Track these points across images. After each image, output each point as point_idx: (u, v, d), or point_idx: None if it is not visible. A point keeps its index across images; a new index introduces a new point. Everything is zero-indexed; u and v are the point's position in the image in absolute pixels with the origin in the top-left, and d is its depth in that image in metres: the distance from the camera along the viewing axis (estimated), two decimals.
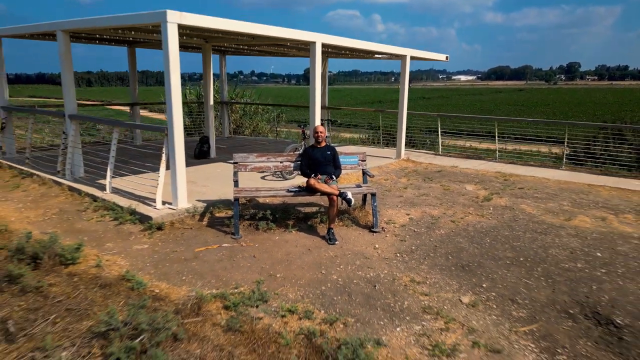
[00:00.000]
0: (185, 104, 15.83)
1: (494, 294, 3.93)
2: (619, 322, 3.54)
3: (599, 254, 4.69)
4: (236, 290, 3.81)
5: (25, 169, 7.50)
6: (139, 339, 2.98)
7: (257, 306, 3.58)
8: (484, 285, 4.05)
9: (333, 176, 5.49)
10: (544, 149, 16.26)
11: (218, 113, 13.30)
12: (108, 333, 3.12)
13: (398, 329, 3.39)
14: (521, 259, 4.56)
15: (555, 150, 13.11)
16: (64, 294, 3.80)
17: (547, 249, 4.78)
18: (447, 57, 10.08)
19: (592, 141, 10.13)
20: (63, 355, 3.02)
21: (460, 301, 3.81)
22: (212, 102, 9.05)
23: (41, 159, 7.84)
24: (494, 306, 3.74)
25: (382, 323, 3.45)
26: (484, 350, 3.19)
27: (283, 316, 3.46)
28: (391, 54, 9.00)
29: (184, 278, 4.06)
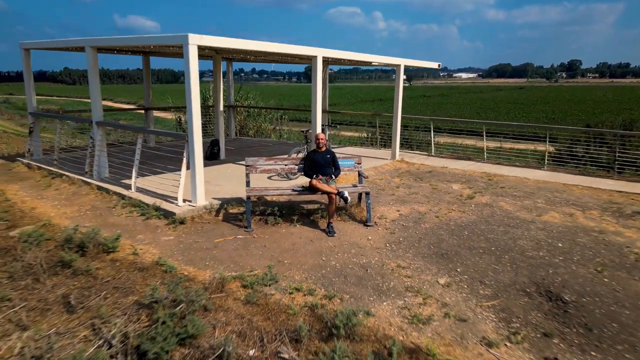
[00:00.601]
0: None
1: (465, 276, 4.71)
2: (567, 298, 4.32)
3: (560, 245, 5.46)
4: (251, 273, 4.60)
5: (54, 169, 8.30)
6: (178, 307, 3.77)
7: (269, 285, 4.37)
8: (458, 270, 4.83)
9: (332, 176, 6.27)
10: (541, 147, 16.98)
11: (225, 115, 14.08)
12: (152, 304, 3.91)
13: (384, 303, 4.18)
14: (492, 248, 5.34)
15: (543, 148, 13.84)
16: (109, 275, 4.59)
17: (516, 240, 5.56)
18: (439, 65, 10.84)
19: (574, 143, 10.90)
20: (117, 321, 3.82)
21: (437, 282, 4.60)
22: (222, 108, 9.82)
23: (67, 160, 8.64)
24: (465, 286, 4.53)
25: (371, 299, 4.24)
26: (453, 320, 3.97)
27: (291, 293, 4.24)
28: (387, 64, 9.76)
29: (207, 263, 4.85)
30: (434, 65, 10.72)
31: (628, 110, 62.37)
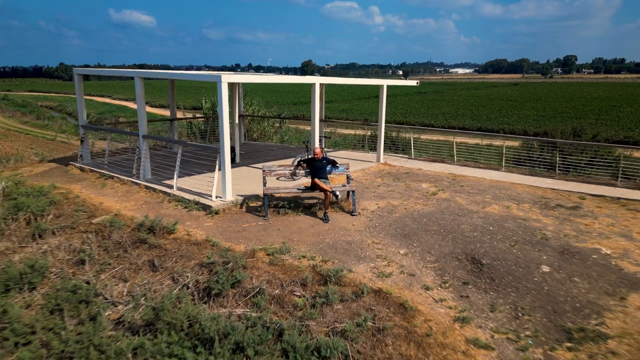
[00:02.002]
0: (204, 116, 18.70)
1: (419, 249, 6.83)
2: (484, 262, 6.44)
3: (490, 228, 7.59)
4: (271, 246, 6.71)
5: (105, 172, 10.36)
6: (228, 265, 5.89)
7: (284, 254, 6.47)
8: (414, 245, 6.96)
9: (331, 174, 8.40)
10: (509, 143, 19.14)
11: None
12: (210, 264, 6.03)
13: (361, 265, 6.29)
14: (441, 230, 7.46)
15: (509, 143, 15.90)
16: (174, 248, 6.70)
17: (460, 225, 7.69)
18: (417, 82, 12.92)
19: (530, 147, 13.02)
20: (189, 274, 5.93)
21: (399, 252, 6.72)
22: (237, 121, 11.88)
23: (115, 164, 10.71)
24: (417, 255, 6.65)
25: (353, 262, 6.35)
26: (406, 275, 6.09)
27: (299, 258, 6.35)
28: (372, 85, 11.82)
29: (240, 240, 6.96)
30: (412, 83, 12.80)
31: (617, 108, 64.50)
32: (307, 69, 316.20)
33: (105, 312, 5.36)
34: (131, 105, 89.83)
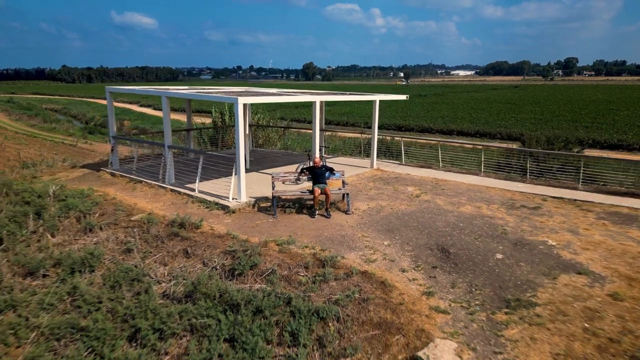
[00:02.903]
0: (215, 126, 20.33)
1: (400, 241, 8.41)
2: (451, 251, 8.02)
3: (461, 225, 9.16)
4: (280, 238, 8.29)
5: (134, 177, 11.97)
6: (247, 252, 7.47)
7: (290, 244, 8.06)
8: (396, 238, 8.53)
9: (329, 179, 9.97)
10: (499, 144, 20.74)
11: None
12: (232, 252, 7.62)
13: (352, 253, 7.87)
14: (419, 226, 9.04)
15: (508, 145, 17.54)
16: (202, 239, 8.29)
17: (436, 222, 9.26)
18: (407, 97, 14.50)
19: (508, 154, 14.58)
20: (215, 259, 7.53)
21: (383, 243, 8.30)
22: (247, 132, 13.46)
23: (141, 170, 12.31)
24: (398, 245, 8.23)
25: (345, 251, 7.93)
26: (387, 261, 7.67)
27: (302, 248, 7.94)
28: (367, 100, 13.40)
29: (254, 234, 8.54)
30: (402, 97, 14.38)
31: (614, 111, 65.65)
32: (308, 71, 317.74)
33: (153, 288, 6.95)
34: (135, 107, 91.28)
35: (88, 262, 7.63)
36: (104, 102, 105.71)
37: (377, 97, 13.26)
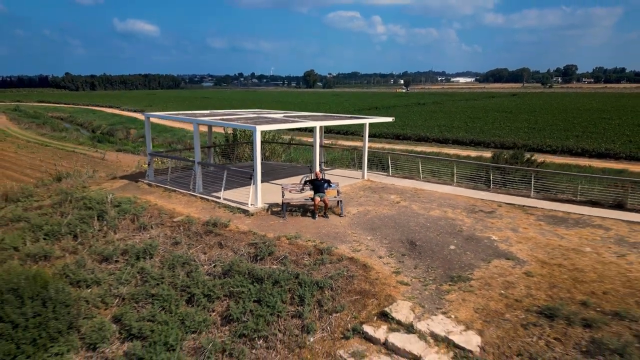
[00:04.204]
0: (227, 143, 23.10)
1: (379, 236, 11.12)
2: (417, 243, 10.72)
3: (428, 224, 11.87)
4: (289, 234, 11.01)
5: (169, 187, 14.70)
6: (265, 243, 10.20)
7: (297, 239, 10.78)
8: (377, 234, 11.25)
9: (326, 190, 12.70)
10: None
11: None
12: (254, 244, 10.35)
13: (343, 245, 10.59)
14: (396, 226, 11.75)
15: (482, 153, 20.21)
16: (230, 235, 11.02)
17: (409, 223, 11.96)
18: (392, 119, 17.26)
19: (478, 168, 17.30)
20: (242, 249, 10.27)
21: (367, 238, 11.01)
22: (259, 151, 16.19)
23: (175, 181, 15.06)
24: (377, 240, 10.94)
25: (338, 243, 10.65)
26: (369, 250, 10.37)
27: (306, 241, 10.65)
28: (358, 123, 16.14)
29: (269, 231, 11.27)
30: (389, 119, 17.12)
31: (606, 120, 67.49)
32: (309, 78, 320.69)
33: (199, 269, 9.68)
34: (140, 116, 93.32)
35: (148, 251, 10.37)
36: (108, 110, 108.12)
37: (367, 121, 16.01)
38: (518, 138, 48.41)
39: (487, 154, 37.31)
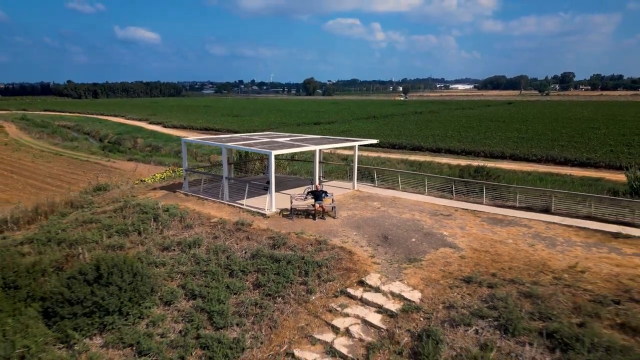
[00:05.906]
0: (240, 159, 27.31)
1: (362, 232, 15.30)
2: (389, 237, 14.91)
3: (399, 224, 16.05)
4: (296, 231, 15.19)
5: (201, 196, 18.90)
6: (280, 237, 14.40)
7: (302, 234, 14.97)
8: (361, 231, 15.43)
9: (324, 198, 16.90)
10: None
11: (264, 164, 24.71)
12: (272, 238, 14.58)
13: (335, 238, 14.79)
14: (375, 225, 15.93)
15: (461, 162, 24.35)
16: (254, 231, 15.22)
17: (384, 223, 16.14)
18: (378, 141, 21.45)
19: (447, 181, 21.50)
20: (264, 241, 14.51)
21: (353, 234, 15.20)
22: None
23: (206, 191, 19.27)
24: (360, 235, 15.12)
25: (332, 237, 14.84)
26: (354, 242, 14.57)
27: (309, 236, 14.85)
28: (349, 146, 20.32)
29: (282, 229, 15.45)
30: (374, 141, 21.30)
31: (594, 129, 69.88)
32: (309, 86, 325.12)
33: (236, 254, 13.86)
34: (145, 125, 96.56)
35: (197, 242, 14.56)
36: (114, 119, 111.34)
37: (356, 143, 20.21)
38: (507, 147, 50.81)
39: (476, 162, 40.57)
